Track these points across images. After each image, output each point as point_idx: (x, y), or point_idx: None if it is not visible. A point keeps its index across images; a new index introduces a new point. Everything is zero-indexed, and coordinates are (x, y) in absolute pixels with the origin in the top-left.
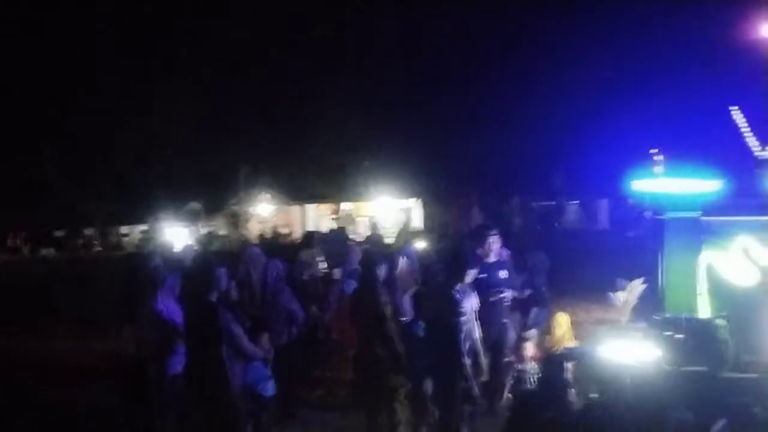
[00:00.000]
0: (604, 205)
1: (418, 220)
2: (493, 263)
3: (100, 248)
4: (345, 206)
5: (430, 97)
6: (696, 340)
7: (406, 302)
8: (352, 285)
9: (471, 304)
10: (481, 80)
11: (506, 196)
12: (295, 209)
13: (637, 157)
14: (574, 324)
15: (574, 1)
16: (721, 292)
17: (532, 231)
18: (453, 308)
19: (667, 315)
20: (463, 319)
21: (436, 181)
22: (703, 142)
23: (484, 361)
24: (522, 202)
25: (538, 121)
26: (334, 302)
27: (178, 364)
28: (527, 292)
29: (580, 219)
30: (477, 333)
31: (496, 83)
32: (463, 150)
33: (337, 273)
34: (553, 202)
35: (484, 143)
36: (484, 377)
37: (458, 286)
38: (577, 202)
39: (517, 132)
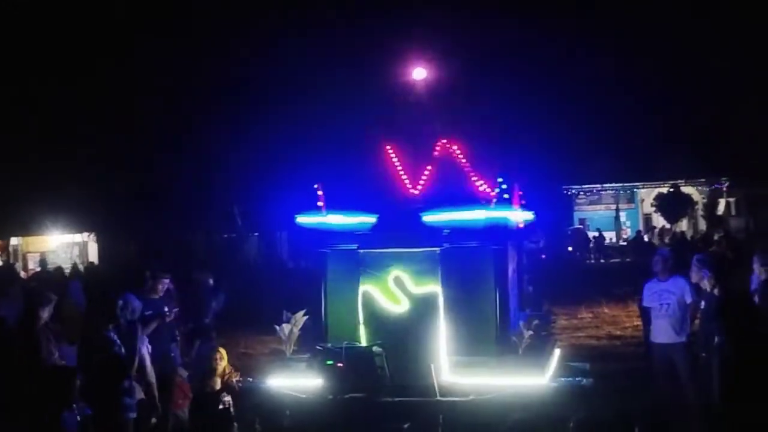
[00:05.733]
0: (283, 238)
1: (93, 256)
2: (159, 299)
3: None
4: (13, 241)
5: (105, 130)
6: (355, 368)
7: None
8: None
9: (139, 343)
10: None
11: (189, 229)
12: None
13: (304, 192)
14: (246, 356)
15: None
16: (377, 321)
17: (214, 262)
18: (108, 350)
19: (329, 344)
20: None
21: (112, 215)
22: (362, 178)
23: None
24: (204, 234)
25: (219, 152)
26: None
27: None
28: (190, 324)
29: (261, 251)
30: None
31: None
32: (140, 183)
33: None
34: (234, 234)
35: (164, 177)
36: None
37: (111, 326)
38: (257, 234)
39: (198, 164)
